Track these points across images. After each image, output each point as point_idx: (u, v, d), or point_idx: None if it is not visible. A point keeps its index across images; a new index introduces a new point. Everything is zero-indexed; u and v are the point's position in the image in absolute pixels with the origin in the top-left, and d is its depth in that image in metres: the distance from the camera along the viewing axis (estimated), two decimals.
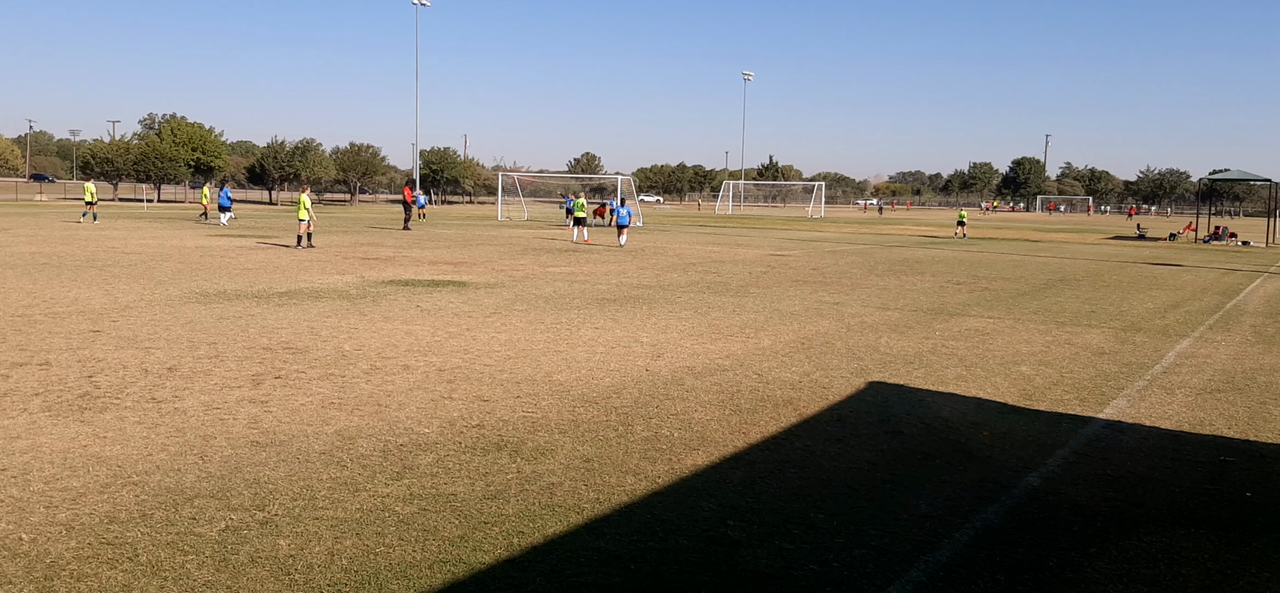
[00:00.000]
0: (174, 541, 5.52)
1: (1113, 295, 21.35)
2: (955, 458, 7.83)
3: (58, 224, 40.90)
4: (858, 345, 13.16)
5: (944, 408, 9.56)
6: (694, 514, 6.26)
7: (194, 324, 13.45)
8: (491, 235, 40.73)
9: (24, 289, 17.04)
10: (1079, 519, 6.44)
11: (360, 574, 5.15)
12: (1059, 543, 5.99)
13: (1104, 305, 19.19)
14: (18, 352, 11.08)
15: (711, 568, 5.42)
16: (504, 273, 22.83)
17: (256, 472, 6.83)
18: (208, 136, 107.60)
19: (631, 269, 25.02)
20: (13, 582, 4.92)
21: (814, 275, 24.45)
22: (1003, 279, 24.89)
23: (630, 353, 12.08)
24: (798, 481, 7.07)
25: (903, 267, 28.37)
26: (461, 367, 10.87)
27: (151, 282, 18.79)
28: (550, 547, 5.64)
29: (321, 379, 10.01)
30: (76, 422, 8.04)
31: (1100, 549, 5.90)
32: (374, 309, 15.52)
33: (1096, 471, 7.59)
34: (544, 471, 7.07)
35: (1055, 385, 10.88)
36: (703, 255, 31.11)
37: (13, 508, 5.97)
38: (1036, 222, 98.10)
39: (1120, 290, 22.67)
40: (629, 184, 72.11)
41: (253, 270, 21.79)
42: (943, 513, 6.46)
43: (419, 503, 6.28)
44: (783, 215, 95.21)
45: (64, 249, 26.58)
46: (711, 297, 18.72)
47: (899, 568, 5.50)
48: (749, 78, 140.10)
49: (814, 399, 9.76)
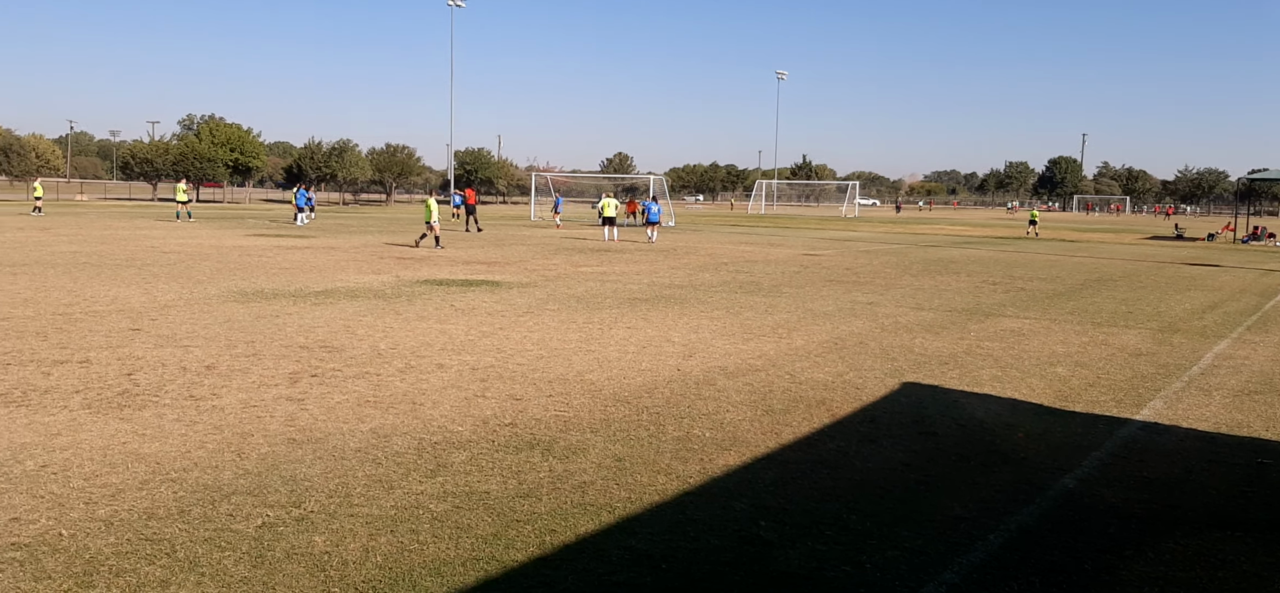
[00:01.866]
0: (211, 537, 5.60)
1: (1150, 296, 21.11)
2: (990, 459, 7.78)
3: (97, 223, 41.48)
4: (891, 346, 13.10)
5: (978, 409, 9.50)
6: (726, 514, 6.26)
7: (232, 323, 13.61)
8: (524, 235, 40.88)
9: (65, 288, 17.31)
10: (1114, 521, 6.39)
11: (394, 571, 5.20)
12: (1094, 545, 5.94)
13: (1141, 306, 18.98)
14: (59, 349, 11.26)
15: (743, 568, 5.42)
16: (536, 273, 22.91)
17: (293, 469, 6.91)
18: (246, 137, 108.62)
19: (663, 269, 25.03)
20: (52, 577, 5.01)
21: (847, 275, 24.35)
22: (1038, 279, 24.68)
23: (662, 353, 12.09)
24: (830, 481, 7.06)
25: (938, 266, 28.19)
26: (494, 366, 10.93)
27: (190, 281, 19.03)
28: (582, 545, 5.66)
29: (357, 377, 10.10)
30: (116, 419, 8.17)
31: (1136, 552, 5.85)
32: (409, 308, 15.64)
33: (1133, 473, 7.52)
34: (576, 469, 7.10)
35: (1091, 387, 10.78)
36: (735, 255, 31.06)
37: (53, 504, 6.07)
38: (1074, 221, 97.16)
39: (1157, 291, 22.41)
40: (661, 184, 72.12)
41: (290, 270, 22.00)
42: (977, 515, 6.42)
43: (452, 501, 6.33)
44: (816, 215, 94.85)
45: (104, 249, 26.96)
46: (744, 296, 18.70)
47: (932, 570, 5.47)
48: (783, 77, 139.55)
49: (847, 400, 9.73)
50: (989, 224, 77.88)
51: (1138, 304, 19.31)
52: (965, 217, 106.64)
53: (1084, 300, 19.77)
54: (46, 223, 41.19)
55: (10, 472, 6.66)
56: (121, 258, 24.05)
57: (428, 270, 22.75)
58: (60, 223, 41.67)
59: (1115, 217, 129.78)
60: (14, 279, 18.49)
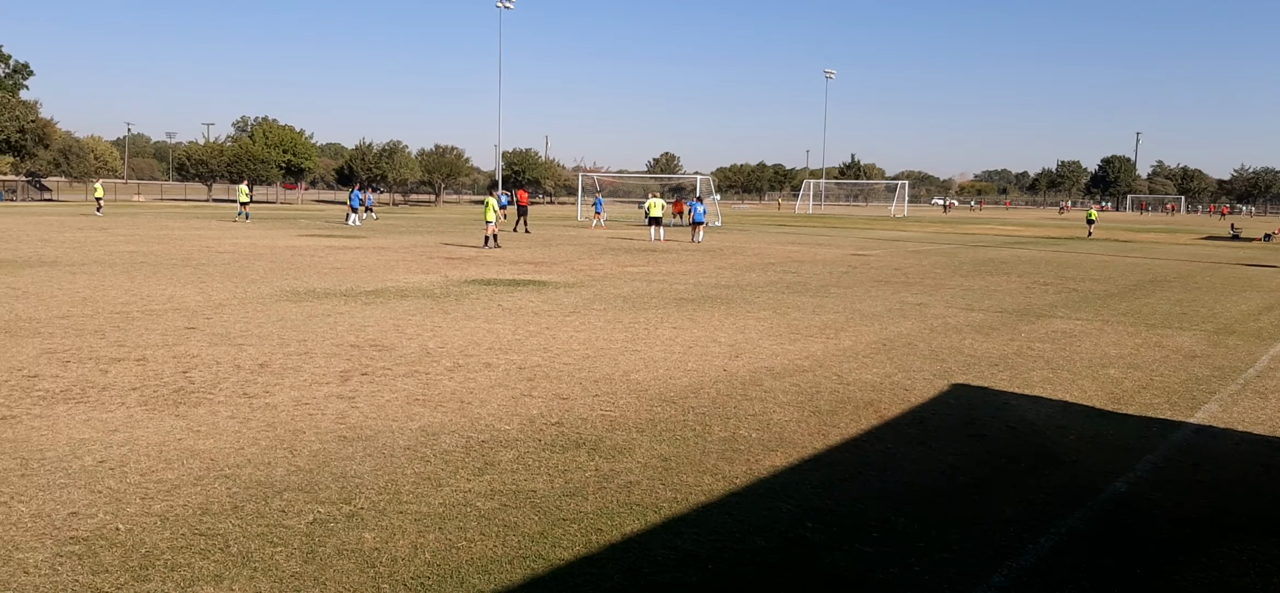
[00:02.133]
0: (264, 532, 5.69)
1: (1205, 297, 20.72)
2: (1040, 462, 7.69)
3: (153, 224, 42.25)
4: (940, 347, 12.98)
5: (1029, 411, 9.39)
6: (772, 516, 6.25)
7: (285, 322, 13.81)
8: (571, 235, 41.02)
9: (123, 287, 17.66)
10: (1168, 526, 6.29)
11: (443, 568, 5.25)
12: (1146, 551, 5.85)
13: (1196, 307, 18.64)
14: (116, 347, 11.49)
15: (789, 570, 5.41)
16: (583, 273, 22.99)
17: (343, 466, 7.00)
18: (298, 138, 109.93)
19: (710, 269, 24.99)
20: (110, 570, 5.12)
21: (896, 276, 24.16)
22: (1091, 280, 24.32)
23: (708, 353, 12.08)
24: (878, 483, 7.02)
25: (988, 267, 27.88)
26: (541, 365, 10.99)
27: (244, 280, 19.33)
28: (628, 545, 5.68)
29: (406, 376, 10.20)
30: (172, 416, 8.32)
31: (1189, 558, 5.76)
32: (457, 308, 15.76)
33: (1186, 477, 7.39)
34: (622, 469, 7.13)
35: (1144, 389, 10.61)
36: (782, 255, 30.94)
37: (110, 499, 6.21)
38: (1127, 221, 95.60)
39: (1213, 292, 21.99)
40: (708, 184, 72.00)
41: (341, 270, 22.27)
42: (1026, 518, 6.35)
43: (500, 499, 6.38)
44: (864, 214, 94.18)
45: (160, 248, 27.46)
46: (791, 297, 18.63)
47: (981, 573, 5.43)
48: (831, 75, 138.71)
49: (895, 401, 9.66)
50: (1040, 224, 76.86)
51: (1192, 305, 18.96)
52: (1017, 217, 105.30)
53: (1137, 301, 19.46)
54: (104, 223, 42.03)
55: (69, 467, 6.81)
56: (177, 257, 24.48)
57: (475, 270, 22.91)
58: (117, 223, 42.51)
59: (1170, 217, 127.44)
60: (73, 278, 18.90)
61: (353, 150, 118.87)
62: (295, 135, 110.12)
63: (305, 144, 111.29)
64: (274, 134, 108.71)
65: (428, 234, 39.02)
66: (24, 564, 5.14)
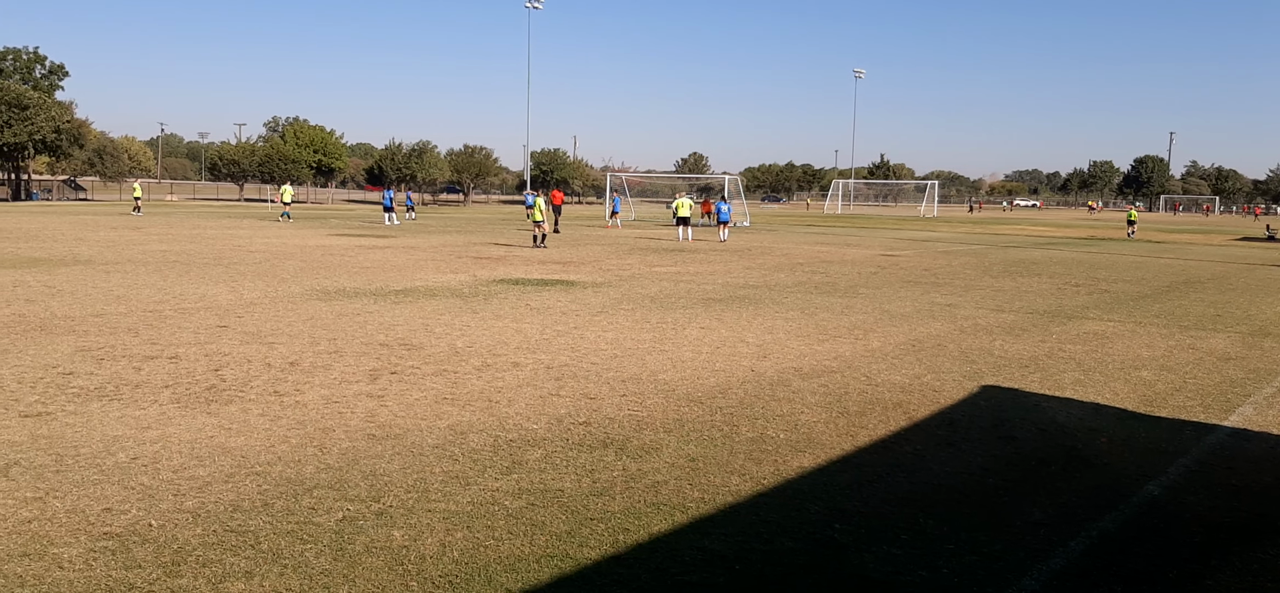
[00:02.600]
0: (294, 529, 5.73)
1: (1240, 299, 20.47)
2: (1071, 465, 7.62)
3: (186, 223, 42.67)
4: (970, 348, 12.90)
5: (1060, 413, 9.31)
6: (800, 517, 6.23)
7: (315, 320, 13.91)
8: (598, 235, 41.05)
9: (156, 285, 17.85)
10: (1201, 530, 6.22)
11: (470, 566, 5.27)
12: (1179, 554, 5.79)
13: (1230, 309, 18.41)
14: (149, 345, 11.61)
15: (817, 571, 5.39)
16: (611, 272, 23.01)
17: (372, 464, 7.04)
18: (329, 138, 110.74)
19: (738, 269, 24.95)
20: (143, 566, 5.18)
21: (926, 276, 24.03)
22: (1123, 281, 24.08)
23: (736, 353, 12.06)
24: (907, 485, 6.98)
25: (1018, 268, 27.66)
26: (569, 365, 11.01)
27: (275, 279, 19.49)
28: (655, 545, 5.68)
29: (435, 375, 10.25)
30: (203, 413, 8.40)
31: (1223, 562, 5.69)
32: (485, 307, 15.82)
33: (1220, 480, 7.30)
34: (649, 469, 7.13)
35: (1178, 391, 10.49)
36: (811, 255, 30.84)
37: (143, 495, 6.27)
38: (1160, 222, 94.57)
39: (1248, 294, 21.71)
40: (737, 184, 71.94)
41: (371, 269, 22.41)
42: (1057, 521, 6.30)
43: (527, 498, 6.40)
44: (894, 215, 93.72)
45: (192, 248, 27.73)
46: (819, 297, 18.56)
47: (1011, 576, 5.38)
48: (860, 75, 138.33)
49: (925, 403, 9.61)
50: (1071, 224, 76.19)
51: (1227, 307, 18.74)
52: (1048, 217, 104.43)
53: (1171, 303, 19.25)
54: (138, 222, 42.50)
55: (103, 464, 6.89)
56: (209, 256, 24.71)
57: (504, 270, 22.98)
58: (151, 222, 42.97)
59: (1205, 217, 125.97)
60: (107, 277, 19.12)
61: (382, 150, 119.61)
62: (326, 135, 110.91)
63: (335, 144, 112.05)
64: (305, 134, 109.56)
65: (457, 234, 39.19)
66: (59, 559, 5.21)
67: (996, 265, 28.45)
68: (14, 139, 75.60)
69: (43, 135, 77.82)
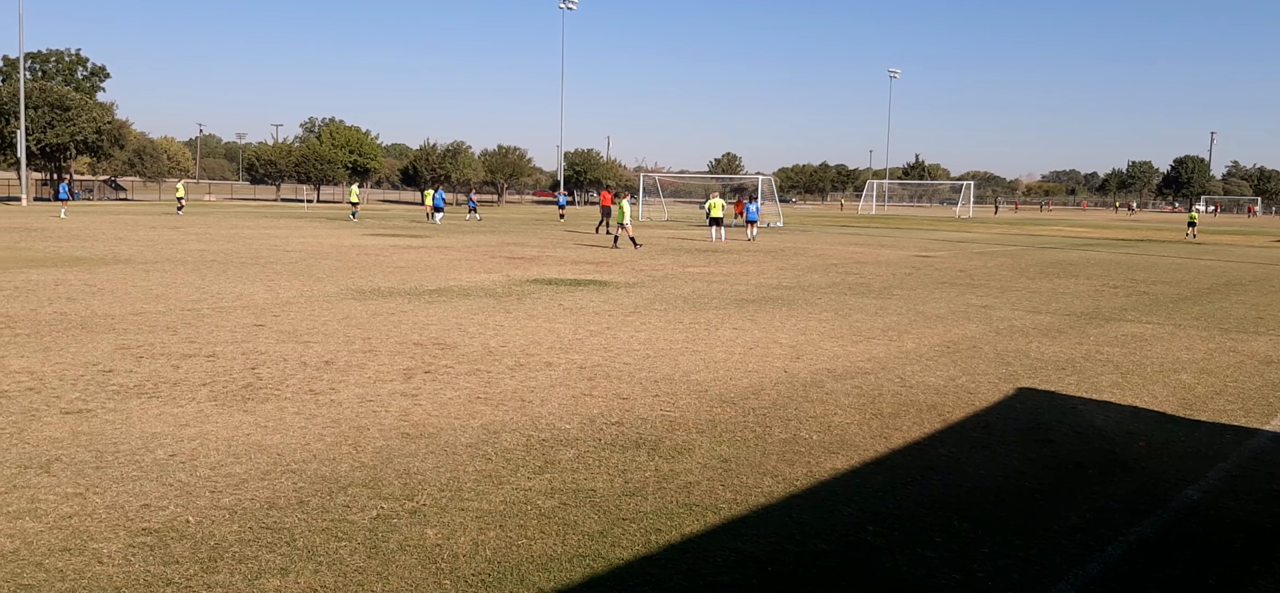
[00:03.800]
0: (328, 527, 5.78)
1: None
2: (1109, 469, 7.53)
3: (224, 222, 43.13)
4: (1006, 350, 12.78)
5: (1097, 416, 9.20)
6: (833, 519, 6.20)
7: (350, 320, 14.01)
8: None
9: (193, 284, 18.05)
10: (1241, 536, 6.12)
11: (503, 565, 5.29)
12: (1219, 560, 5.70)
13: (1272, 311, 18.13)
14: (187, 344, 11.75)
15: (850, 574, 5.36)
16: (643, 273, 23.01)
17: (406, 463, 7.08)
18: (364, 139, 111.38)
19: (771, 270, 24.87)
20: (180, 562, 5.23)
21: (961, 277, 23.84)
22: (1162, 283, 23.78)
23: (769, 354, 12.02)
24: (941, 488, 6.93)
25: (1055, 269, 27.39)
26: (602, 365, 11.02)
27: (311, 278, 19.65)
28: (687, 545, 5.67)
29: (469, 374, 10.29)
30: (240, 411, 8.48)
31: (1263, 568, 5.60)
32: (518, 307, 15.87)
33: (1262, 485, 7.19)
34: (682, 469, 7.12)
35: (1218, 395, 10.34)
36: (844, 256, 30.69)
37: (181, 492, 6.34)
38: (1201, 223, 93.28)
39: None
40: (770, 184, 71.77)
41: (405, 269, 22.55)
42: (1094, 525, 6.23)
43: (560, 497, 6.41)
44: (929, 215, 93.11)
45: (229, 247, 28.03)
46: (853, 298, 18.47)
47: (1048, 581, 5.33)
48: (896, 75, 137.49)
49: (959, 405, 9.53)
50: (1109, 226, 75.33)
51: (1269, 309, 18.45)
52: (1087, 218, 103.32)
53: (1211, 305, 18.98)
54: (177, 222, 43.01)
55: (142, 460, 6.98)
56: (246, 256, 24.96)
57: (537, 270, 23.05)
58: (189, 222, 43.47)
59: (1248, 218, 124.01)
60: (146, 276, 19.37)
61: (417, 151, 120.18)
62: (361, 136, 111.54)
63: (371, 144, 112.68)
64: (340, 135, 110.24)
65: (491, 234, 39.34)
66: (98, 554, 5.28)
67: (1032, 266, 28.18)
68: (56, 140, 76.79)
69: (84, 136, 78.97)
